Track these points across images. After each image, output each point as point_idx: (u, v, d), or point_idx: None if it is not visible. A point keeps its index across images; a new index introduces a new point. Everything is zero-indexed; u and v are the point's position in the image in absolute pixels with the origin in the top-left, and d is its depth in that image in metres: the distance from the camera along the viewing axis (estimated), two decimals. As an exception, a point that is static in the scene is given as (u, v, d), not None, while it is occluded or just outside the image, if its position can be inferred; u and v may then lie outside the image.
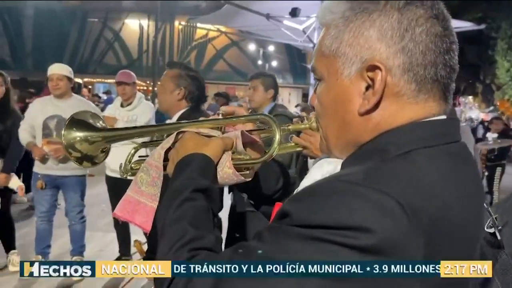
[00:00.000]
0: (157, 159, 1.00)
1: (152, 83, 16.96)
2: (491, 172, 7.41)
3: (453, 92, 0.72)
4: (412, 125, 0.68)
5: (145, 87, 23.70)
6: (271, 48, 26.09)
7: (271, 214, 1.15)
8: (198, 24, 23.70)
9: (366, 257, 0.56)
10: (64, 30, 26.76)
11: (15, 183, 3.89)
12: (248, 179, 0.97)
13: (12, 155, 3.89)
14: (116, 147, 1.55)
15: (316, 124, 0.94)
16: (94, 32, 28.05)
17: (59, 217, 4.17)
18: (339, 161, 0.76)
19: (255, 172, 1.02)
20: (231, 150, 0.95)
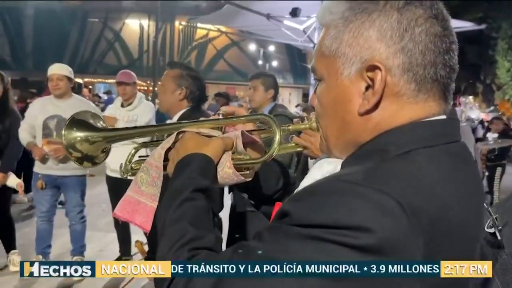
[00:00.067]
0: (157, 159, 1.00)
1: (152, 83, 16.95)
2: (491, 172, 7.40)
3: (453, 92, 0.72)
4: (412, 125, 0.68)
5: (145, 87, 23.71)
6: (271, 48, 26.09)
7: (271, 214, 1.15)
8: (199, 24, 23.72)
9: (366, 256, 0.56)
10: (65, 30, 26.77)
11: (13, 181, 3.87)
12: (248, 179, 0.97)
13: (10, 154, 3.88)
14: (116, 147, 1.55)
15: (316, 124, 0.94)
16: (94, 32, 28.06)
17: (59, 217, 4.17)
18: (339, 161, 0.76)
19: (255, 172, 1.02)
20: (231, 150, 0.95)
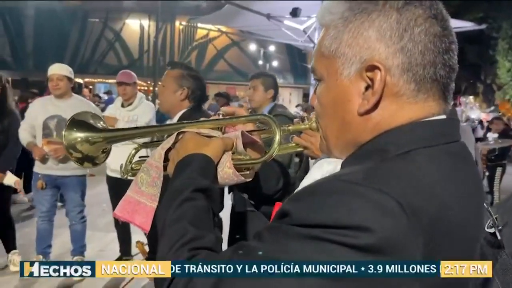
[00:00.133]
0: (157, 160, 1.00)
1: (153, 83, 16.94)
2: (492, 172, 7.40)
3: (453, 92, 0.72)
4: (411, 125, 0.68)
5: (145, 87, 23.71)
6: (271, 48, 26.09)
7: (271, 214, 1.15)
8: (199, 24, 23.74)
9: (365, 256, 0.56)
10: (65, 30, 26.81)
11: (11, 179, 3.86)
12: (249, 179, 0.97)
13: (9, 154, 3.87)
14: (116, 147, 1.55)
15: (316, 124, 0.94)
16: (95, 32, 28.09)
17: (59, 217, 4.17)
18: (339, 161, 0.76)
19: (255, 172, 1.02)
20: (232, 151, 0.95)
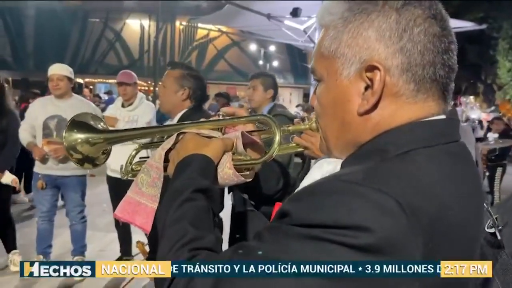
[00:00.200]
0: (157, 160, 1.00)
1: (153, 83, 16.94)
2: (492, 172, 7.39)
3: (452, 92, 0.72)
4: (411, 125, 0.68)
5: (146, 87, 23.71)
6: (272, 48, 26.10)
7: (271, 214, 1.15)
8: (199, 24, 23.74)
9: (365, 256, 0.56)
10: (65, 30, 26.83)
11: (8, 178, 3.85)
12: (249, 180, 0.97)
13: (7, 154, 3.87)
14: (117, 147, 1.53)
15: (316, 124, 0.94)
16: (95, 32, 28.10)
17: (60, 217, 4.17)
18: (339, 161, 0.76)
19: (255, 173, 1.02)
20: (232, 151, 0.95)
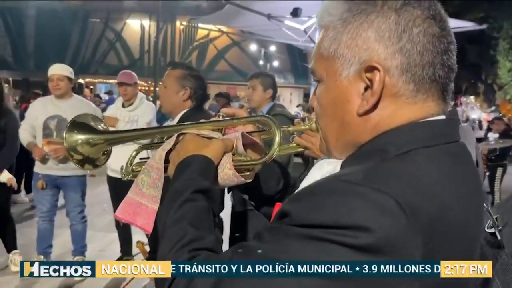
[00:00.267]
0: (158, 161, 1.00)
1: (153, 83, 16.94)
2: (493, 172, 7.39)
3: (452, 92, 0.72)
4: (411, 125, 0.68)
5: (146, 88, 23.70)
6: (272, 48, 26.10)
7: (271, 215, 1.15)
8: (200, 24, 23.74)
9: (365, 256, 0.57)
10: (66, 30, 26.82)
11: (4, 176, 3.84)
12: (249, 180, 0.97)
13: (6, 153, 3.86)
14: (117, 148, 1.53)
15: (316, 125, 0.94)
16: (95, 32, 28.09)
17: (60, 217, 4.17)
18: (339, 161, 0.76)
19: (255, 173, 1.02)
20: (232, 152, 0.95)
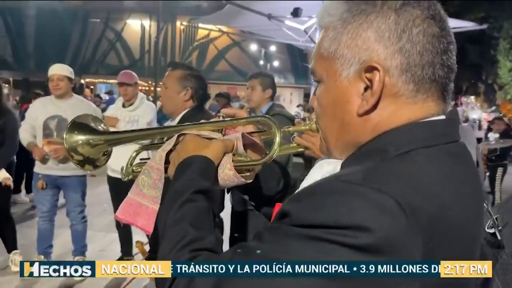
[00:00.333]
0: (158, 161, 1.00)
1: (154, 84, 16.94)
2: (493, 172, 7.38)
3: (452, 92, 0.72)
4: (411, 125, 0.68)
5: (147, 88, 23.70)
6: (272, 48, 26.07)
7: (271, 215, 1.15)
8: (200, 24, 23.70)
9: (365, 256, 0.57)
10: (66, 30, 26.77)
11: (1, 175, 3.84)
12: (249, 181, 0.97)
13: (4, 153, 3.86)
14: (117, 148, 1.53)
15: (316, 125, 0.94)
16: (96, 33, 28.06)
17: (60, 217, 4.18)
18: (339, 161, 0.76)
19: (256, 174, 1.02)
20: (232, 152, 0.95)
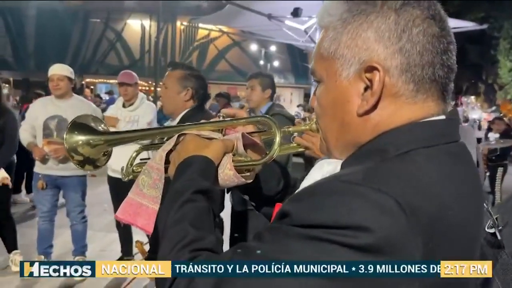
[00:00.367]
0: (158, 162, 1.00)
1: (154, 84, 16.94)
2: (493, 172, 7.38)
3: (452, 92, 0.73)
4: (411, 125, 0.68)
5: (147, 88, 23.70)
6: (272, 48, 26.07)
7: (271, 215, 1.15)
8: (200, 24, 23.67)
9: (365, 256, 0.57)
10: (66, 30, 26.77)
11: (0, 175, 3.83)
12: (249, 181, 0.97)
13: (3, 153, 3.85)
14: (118, 148, 1.53)
15: (316, 125, 0.94)
16: (96, 33, 28.06)
17: (60, 217, 4.18)
18: (339, 161, 0.76)
19: (256, 174, 1.02)
20: (232, 152, 0.95)
